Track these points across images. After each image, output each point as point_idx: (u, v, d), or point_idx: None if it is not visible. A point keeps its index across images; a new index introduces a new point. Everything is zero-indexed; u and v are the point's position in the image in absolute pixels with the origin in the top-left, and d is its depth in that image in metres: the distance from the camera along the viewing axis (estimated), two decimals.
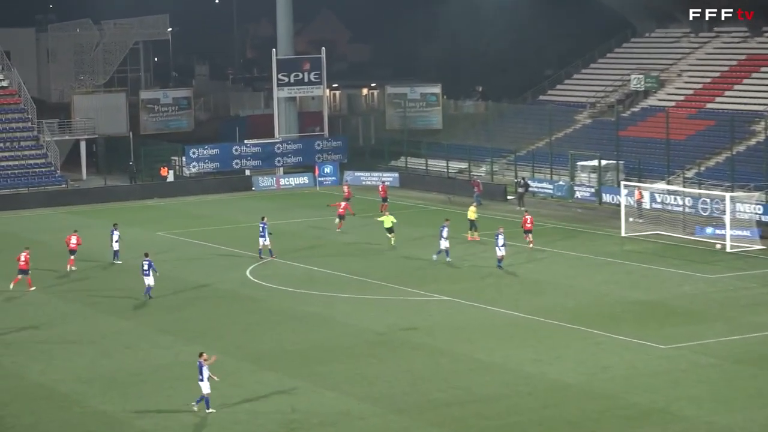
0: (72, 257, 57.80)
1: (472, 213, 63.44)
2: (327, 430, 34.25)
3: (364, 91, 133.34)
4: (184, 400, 36.68)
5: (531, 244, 60.62)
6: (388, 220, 62.39)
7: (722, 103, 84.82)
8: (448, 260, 57.22)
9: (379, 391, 37.36)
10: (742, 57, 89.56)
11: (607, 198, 74.74)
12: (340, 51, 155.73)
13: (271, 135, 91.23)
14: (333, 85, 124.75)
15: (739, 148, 76.45)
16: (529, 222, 61.05)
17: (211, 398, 35.70)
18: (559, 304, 48.54)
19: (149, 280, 51.11)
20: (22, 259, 53.35)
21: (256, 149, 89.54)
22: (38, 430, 35.15)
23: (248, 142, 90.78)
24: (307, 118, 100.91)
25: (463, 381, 38.23)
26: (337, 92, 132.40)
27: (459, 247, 59.68)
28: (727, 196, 61.61)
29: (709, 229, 62.57)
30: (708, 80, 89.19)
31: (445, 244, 57.25)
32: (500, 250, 55.46)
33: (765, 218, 63.29)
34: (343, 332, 44.97)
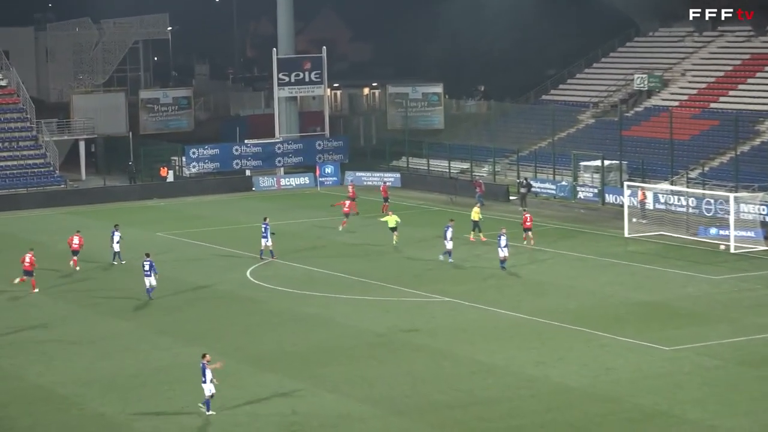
0: (75, 258, 57.55)
1: (475, 214, 63.15)
2: None
3: (366, 91, 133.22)
4: (184, 402, 36.55)
5: (532, 241, 60.46)
6: (392, 220, 62.19)
7: (726, 103, 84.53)
8: (450, 261, 56.93)
9: (380, 393, 37.14)
10: (747, 56, 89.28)
11: (610, 198, 74.50)
12: (341, 50, 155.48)
13: (271, 135, 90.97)
14: (334, 85, 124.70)
15: (744, 148, 76.22)
16: (528, 221, 60.96)
17: (211, 400, 35.44)
18: (562, 306, 48.28)
19: (151, 281, 50.84)
20: (27, 260, 53.00)
21: (257, 149, 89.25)
22: None
23: (248, 142, 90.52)
24: (308, 118, 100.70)
25: (465, 383, 37.99)
26: (338, 92, 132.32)
27: (462, 248, 59.39)
28: (731, 197, 61.32)
29: (713, 230, 62.32)
30: (712, 80, 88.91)
31: (449, 244, 56.99)
32: (503, 251, 55.23)
33: None
34: (344, 334, 44.74)
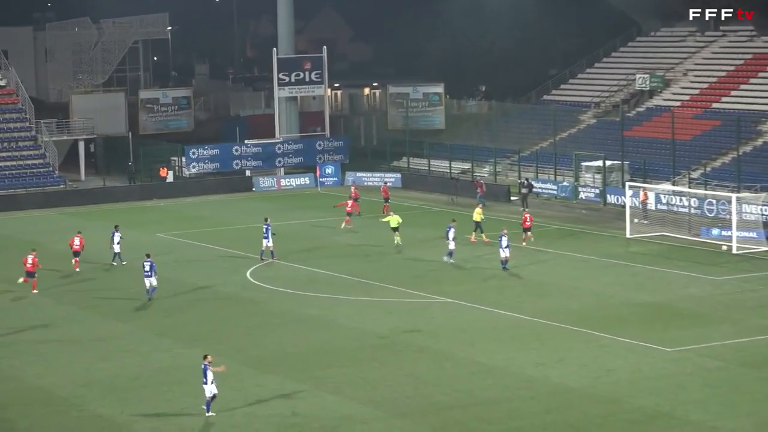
0: (76, 258, 57.38)
1: (477, 215, 62.98)
2: None
3: (366, 91, 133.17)
4: (184, 403, 36.44)
5: (531, 238, 60.42)
6: (394, 220, 62.05)
7: (728, 103, 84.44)
8: (451, 261, 56.74)
9: (381, 395, 37.02)
10: (749, 56, 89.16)
11: (611, 199, 74.36)
12: (342, 50, 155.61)
13: (271, 135, 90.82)
14: (334, 85, 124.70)
15: (746, 149, 76.08)
16: (528, 221, 60.94)
17: (212, 402, 35.30)
18: (563, 306, 48.14)
19: (151, 281, 50.68)
20: (29, 261, 52.81)
21: (257, 149, 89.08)
22: None
23: (249, 142, 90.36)
24: (308, 118, 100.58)
25: (466, 384, 37.87)
26: (339, 92, 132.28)
27: (463, 249, 59.21)
28: (734, 197, 61.21)
29: (715, 231, 62.21)
30: (714, 80, 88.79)
31: (452, 245, 56.82)
32: (504, 252, 55.09)
33: None
34: (345, 335, 44.61)
